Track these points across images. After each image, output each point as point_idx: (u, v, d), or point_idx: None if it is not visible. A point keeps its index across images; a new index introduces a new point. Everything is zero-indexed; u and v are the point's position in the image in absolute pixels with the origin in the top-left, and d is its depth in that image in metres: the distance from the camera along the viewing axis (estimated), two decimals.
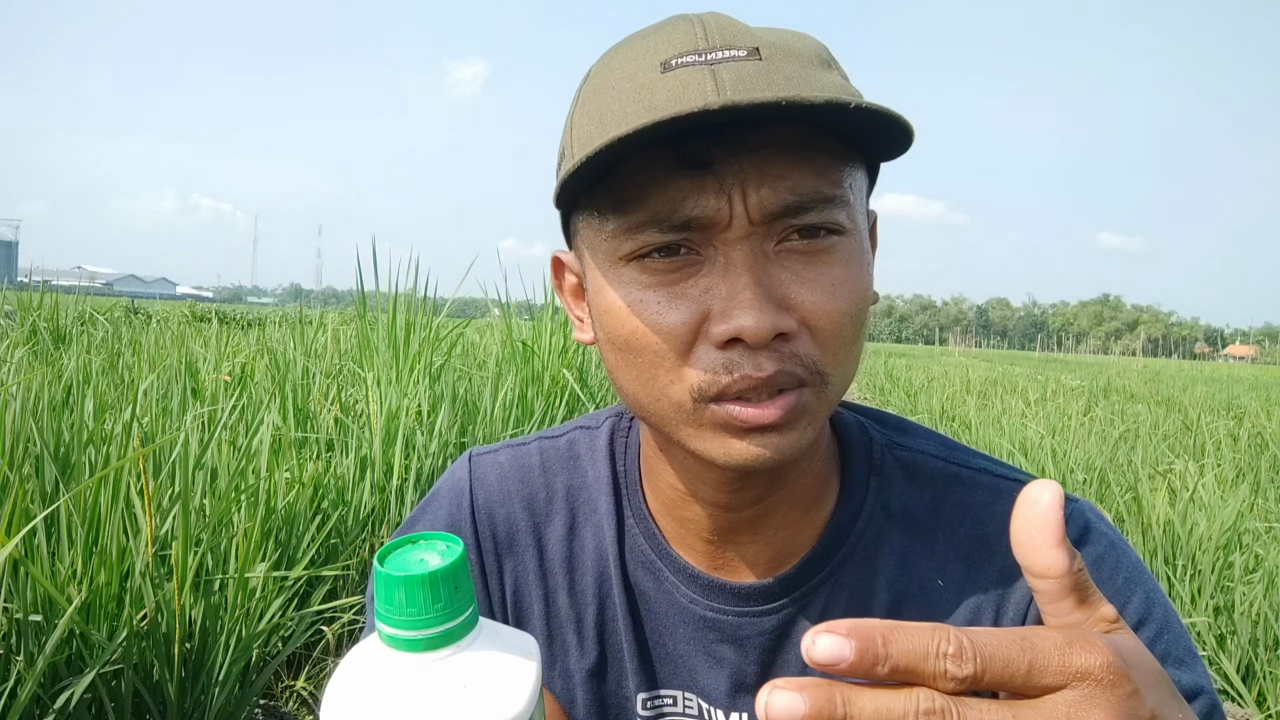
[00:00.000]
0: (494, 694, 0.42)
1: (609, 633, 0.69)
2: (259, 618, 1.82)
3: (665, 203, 0.52)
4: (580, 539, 0.71)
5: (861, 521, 0.66)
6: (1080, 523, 0.63)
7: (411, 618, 0.40)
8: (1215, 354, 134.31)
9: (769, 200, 0.51)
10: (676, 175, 0.51)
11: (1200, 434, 5.74)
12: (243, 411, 2.81)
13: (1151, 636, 0.59)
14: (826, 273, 0.53)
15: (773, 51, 0.52)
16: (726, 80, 0.50)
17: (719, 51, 0.52)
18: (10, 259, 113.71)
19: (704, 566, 0.68)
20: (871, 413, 0.73)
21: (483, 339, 5.66)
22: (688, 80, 0.50)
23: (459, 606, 0.42)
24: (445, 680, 0.41)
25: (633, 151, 0.50)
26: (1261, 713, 2.40)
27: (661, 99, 0.50)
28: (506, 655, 0.44)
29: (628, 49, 0.56)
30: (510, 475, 0.74)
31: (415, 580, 0.40)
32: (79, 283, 27.00)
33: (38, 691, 1.40)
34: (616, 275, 0.56)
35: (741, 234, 0.52)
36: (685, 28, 0.54)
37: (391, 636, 0.41)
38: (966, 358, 27.60)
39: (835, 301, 0.53)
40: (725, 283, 0.52)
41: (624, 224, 0.54)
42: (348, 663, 0.44)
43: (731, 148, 0.50)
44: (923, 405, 8.29)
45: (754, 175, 0.51)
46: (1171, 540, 3.00)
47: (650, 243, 0.53)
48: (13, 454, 1.73)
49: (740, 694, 0.67)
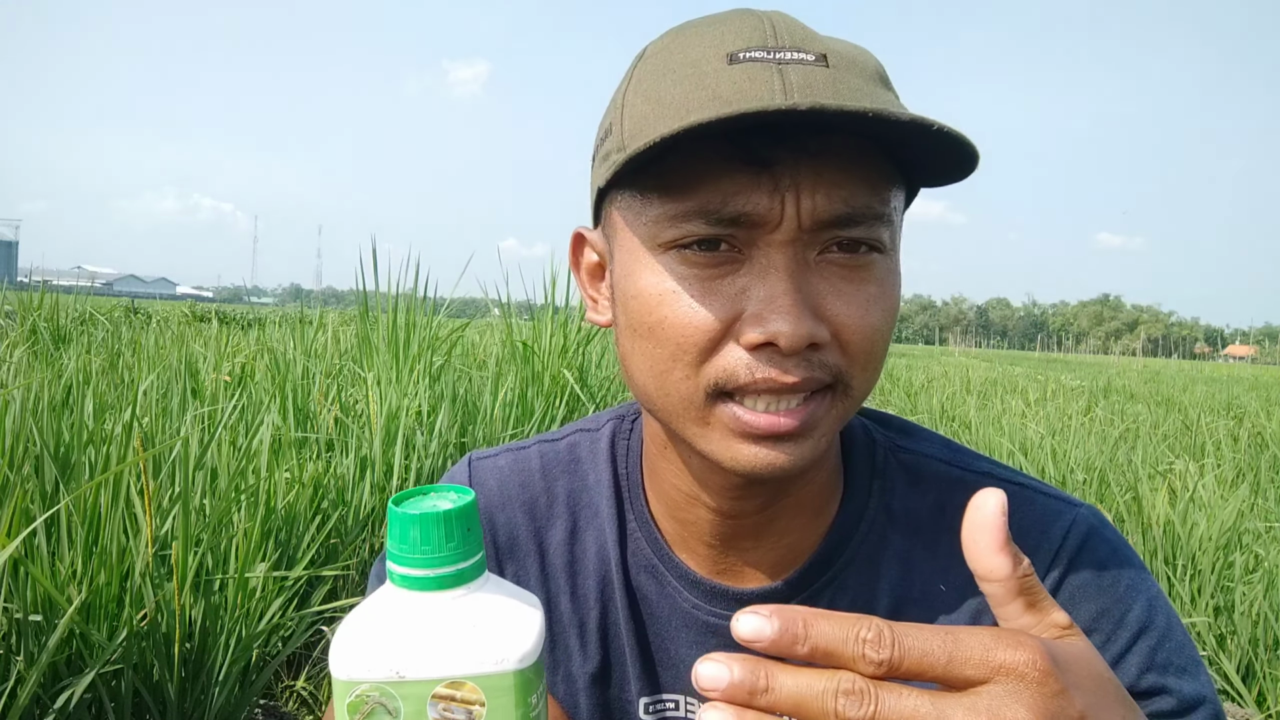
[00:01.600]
0: (504, 633, 0.42)
1: (611, 636, 0.69)
2: (259, 618, 1.82)
3: (716, 195, 0.51)
4: (582, 543, 0.71)
5: (865, 525, 0.65)
6: (1083, 529, 0.63)
7: (426, 556, 0.41)
8: (1215, 354, 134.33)
9: (822, 207, 0.51)
10: (733, 170, 0.51)
11: (1200, 434, 5.74)
12: (243, 411, 2.81)
13: (1153, 645, 0.59)
14: (863, 289, 0.53)
15: (839, 61, 0.51)
16: (795, 82, 0.49)
17: (787, 52, 0.51)
18: (10, 259, 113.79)
19: (706, 570, 0.67)
20: (876, 415, 0.73)
21: (483, 339, 5.66)
22: (755, 76, 0.50)
23: (470, 549, 0.43)
24: (457, 619, 0.42)
25: (691, 140, 0.48)
26: (1261, 713, 2.40)
27: (728, 91, 0.49)
28: (513, 601, 0.45)
29: (691, 34, 0.55)
30: (510, 479, 0.73)
31: (430, 519, 0.41)
32: (79, 283, 27.12)
33: (38, 691, 1.40)
34: (652, 261, 0.55)
35: (788, 237, 0.51)
36: (754, 23, 0.53)
37: (404, 576, 0.42)
38: (966, 358, 27.60)
39: (869, 318, 0.53)
40: (764, 286, 0.52)
41: (669, 210, 0.53)
42: (358, 608, 0.45)
43: (792, 150, 0.50)
44: (923, 405, 8.28)
45: (810, 180, 0.50)
46: (1171, 540, 3.00)
47: (694, 233, 0.52)
48: (13, 454, 1.73)
49: None
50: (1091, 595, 0.61)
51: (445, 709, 0.41)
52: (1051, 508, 0.64)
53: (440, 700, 0.41)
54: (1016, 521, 0.63)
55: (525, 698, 0.43)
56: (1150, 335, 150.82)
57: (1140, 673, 0.59)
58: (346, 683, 0.42)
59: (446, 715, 0.41)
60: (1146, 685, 0.58)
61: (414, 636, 0.42)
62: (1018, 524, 0.63)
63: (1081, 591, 0.61)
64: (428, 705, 0.41)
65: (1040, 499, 0.64)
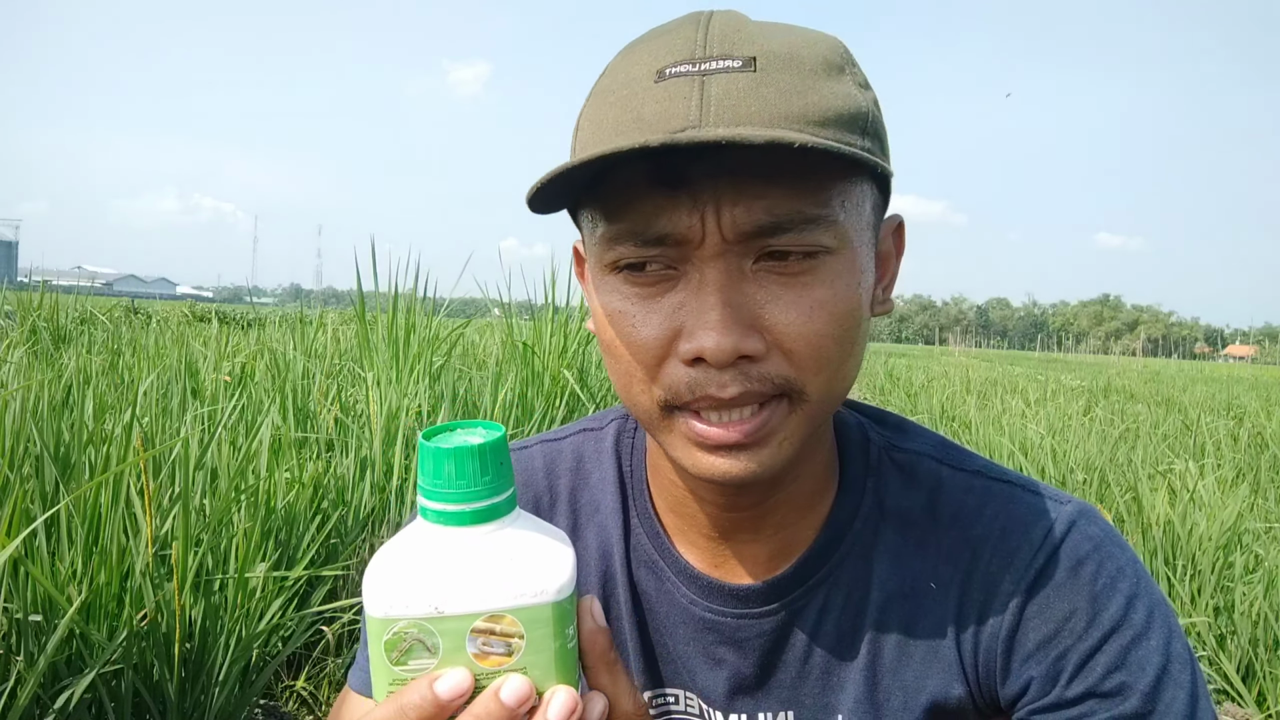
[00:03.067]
0: (541, 566, 0.43)
1: (614, 632, 0.69)
2: (259, 618, 1.82)
3: (641, 218, 0.52)
4: (584, 539, 0.71)
5: (859, 521, 0.66)
6: (1064, 527, 0.62)
7: (460, 490, 0.41)
8: (1215, 354, 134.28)
9: (742, 220, 0.51)
10: (653, 191, 0.51)
11: (1200, 434, 5.74)
12: (243, 411, 2.81)
13: (1126, 644, 0.58)
14: (806, 294, 0.53)
15: (770, 61, 0.51)
16: (713, 95, 0.50)
17: (714, 61, 0.51)
18: (10, 259, 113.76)
19: (705, 564, 0.68)
20: (873, 412, 0.73)
21: (483, 339, 5.66)
22: (675, 94, 0.50)
23: (503, 483, 0.43)
24: (493, 553, 0.42)
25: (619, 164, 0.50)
26: (1261, 713, 2.40)
27: (650, 112, 0.51)
28: (546, 536, 0.45)
29: (637, 49, 0.56)
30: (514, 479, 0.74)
31: (465, 452, 0.41)
32: (79, 283, 27.07)
33: (38, 691, 1.40)
34: (603, 282, 0.57)
35: (715, 252, 0.51)
36: (688, 32, 0.53)
37: (438, 512, 0.42)
38: (966, 358, 27.59)
39: (813, 323, 0.53)
40: (696, 300, 0.52)
41: (608, 233, 0.54)
42: (390, 544, 0.44)
43: (709, 166, 0.50)
44: (923, 405, 8.28)
45: (729, 194, 0.50)
46: (1171, 540, 2.99)
47: (628, 255, 0.54)
48: (13, 454, 1.72)
49: (738, 695, 0.67)
50: (1065, 594, 0.60)
51: (485, 643, 0.42)
52: (1036, 506, 0.64)
53: (479, 634, 0.41)
54: (1002, 521, 0.63)
55: (563, 629, 0.43)
56: (1150, 335, 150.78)
57: (1107, 673, 0.57)
58: (383, 620, 0.41)
59: (485, 649, 0.42)
60: (1111, 685, 0.57)
61: (451, 572, 0.41)
62: (1002, 524, 0.63)
63: (1056, 590, 0.60)
64: (466, 640, 0.41)
65: (1026, 497, 0.64)
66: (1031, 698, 0.60)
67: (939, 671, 0.63)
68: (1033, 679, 0.60)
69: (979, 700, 0.63)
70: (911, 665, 0.63)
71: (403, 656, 0.41)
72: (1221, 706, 2.48)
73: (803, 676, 0.66)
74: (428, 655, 0.41)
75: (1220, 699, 2.52)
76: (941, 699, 0.62)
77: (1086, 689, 0.58)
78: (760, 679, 0.66)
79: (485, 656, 0.41)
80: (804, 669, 0.66)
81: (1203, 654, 2.58)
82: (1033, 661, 0.60)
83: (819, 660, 0.65)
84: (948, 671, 0.63)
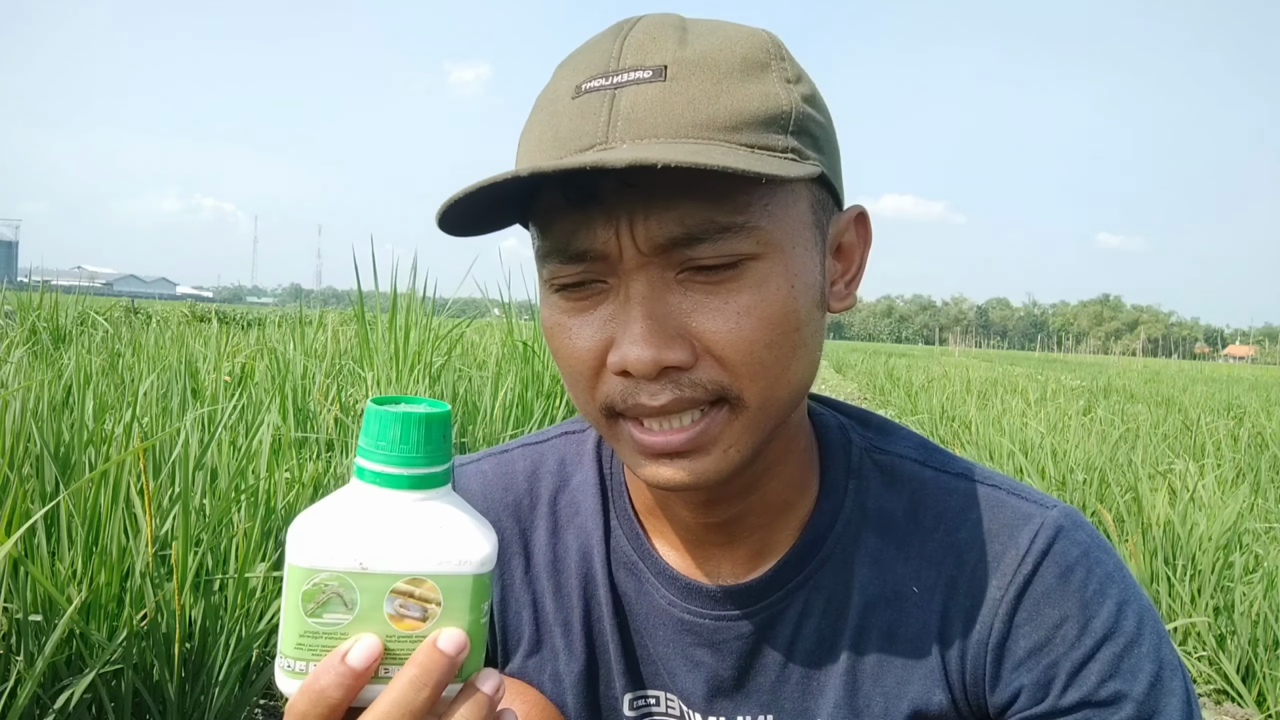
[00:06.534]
0: (466, 538, 0.44)
1: (596, 634, 0.69)
2: (259, 618, 1.82)
3: (562, 236, 0.53)
4: (564, 542, 0.71)
5: (840, 524, 0.65)
6: (1050, 532, 0.61)
7: (403, 454, 0.43)
8: (1215, 354, 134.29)
9: (656, 232, 0.50)
10: (571, 209, 0.52)
11: (1200, 434, 5.74)
12: (243, 411, 2.80)
13: (1118, 651, 0.58)
14: (732, 300, 0.52)
15: (681, 68, 0.51)
16: (621, 109, 0.50)
17: (625, 74, 0.51)
18: (10, 259, 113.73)
19: (685, 565, 0.67)
20: (856, 414, 0.72)
21: (482, 339, 5.66)
22: (587, 110, 0.51)
23: (442, 457, 0.44)
24: (423, 519, 0.43)
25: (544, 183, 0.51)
26: (1261, 713, 2.40)
27: (565, 129, 0.52)
28: (472, 517, 0.46)
29: (566, 65, 0.56)
30: (494, 483, 0.73)
31: (412, 419, 0.43)
32: (79, 283, 26.93)
33: (38, 691, 1.40)
34: (545, 296, 0.58)
35: (636, 265, 0.52)
36: (606, 44, 0.54)
37: (376, 473, 0.43)
38: (967, 358, 27.59)
39: (741, 330, 0.52)
40: (623, 313, 0.53)
41: (541, 249, 0.55)
42: (320, 502, 0.45)
43: (618, 182, 0.50)
44: (923, 405, 8.28)
45: (641, 208, 0.50)
46: (1171, 540, 2.99)
47: (560, 272, 0.54)
48: (13, 454, 1.72)
49: (717, 697, 0.66)
50: (1055, 601, 0.59)
51: (402, 605, 0.42)
52: (1021, 510, 0.63)
53: (398, 596, 0.42)
54: (986, 525, 0.63)
55: (479, 603, 0.44)
56: (1150, 335, 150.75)
57: (1101, 681, 0.57)
58: (306, 570, 0.42)
59: (402, 611, 0.42)
60: (1107, 694, 0.57)
61: (380, 531, 0.42)
62: (987, 528, 0.63)
63: (1046, 597, 0.60)
64: (385, 600, 0.42)
65: (1011, 501, 0.64)
66: (1021, 706, 0.59)
67: (921, 678, 0.62)
68: (1023, 687, 0.59)
69: (962, 708, 0.62)
70: (893, 671, 0.63)
71: (319, 609, 0.42)
72: (1221, 706, 2.48)
73: (782, 680, 0.65)
74: (343, 610, 0.42)
75: (1220, 699, 2.52)
76: (923, 705, 0.62)
77: (1081, 698, 0.57)
78: (738, 682, 0.66)
79: (400, 619, 0.42)
80: (783, 673, 0.65)
81: (1203, 654, 2.58)
82: (1023, 669, 0.59)
83: (799, 664, 0.65)
84: (930, 678, 0.62)
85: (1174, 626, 2.63)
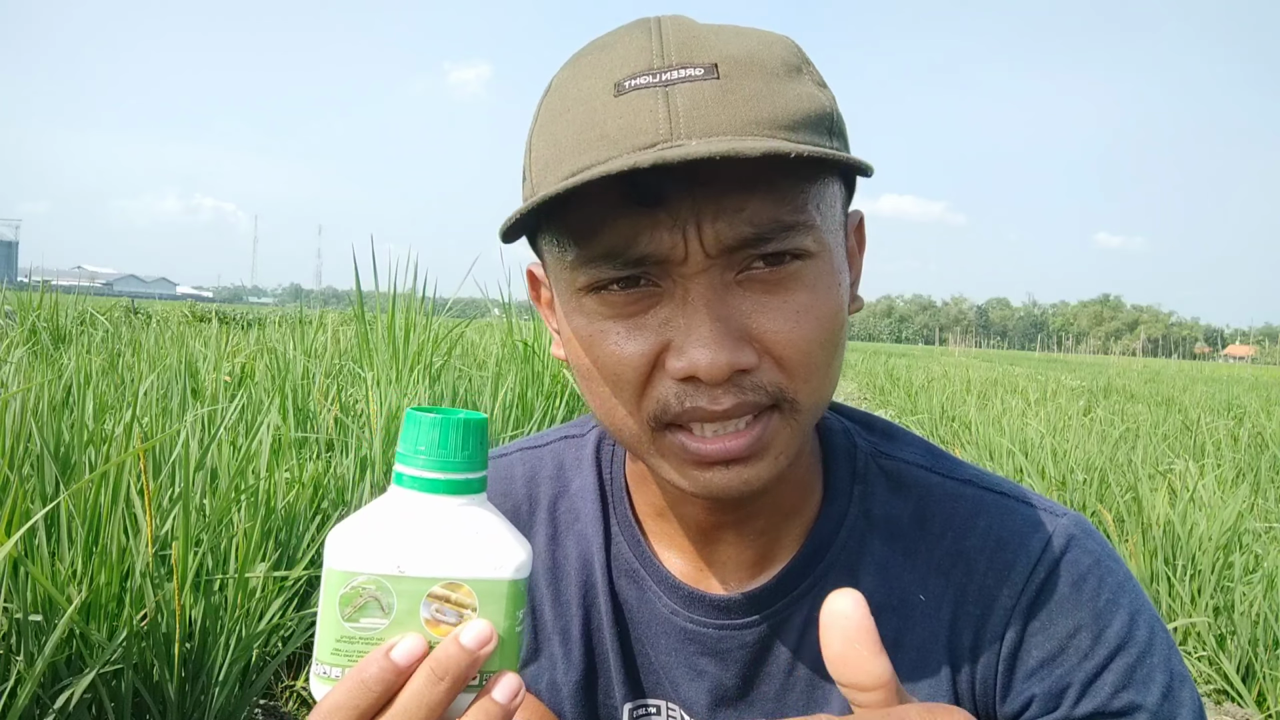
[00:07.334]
0: (503, 544, 0.44)
1: (595, 642, 0.68)
2: (259, 618, 1.82)
3: (619, 239, 0.50)
4: (563, 548, 0.70)
5: (845, 531, 0.64)
6: (1062, 541, 0.61)
7: (441, 459, 0.43)
8: (1215, 354, 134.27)
9: (725, 234, 0.49)
10: (630, 212, 0.50)
11: (1200, 434, 5.74)
12: (243, 411, 2.80)
13: (1131, 662, 0.57)
14: (791, 300, 0.52)
15: (733, 67, 0.50)
16: (680, 106, 0.48)
17: (674, 71, 0.50)
18: (10, 259, 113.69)
19: (687, 573, 0.66)
20: (860, 417, 0.71)
21: (482, 339, 5.66)
22: (640, 107, 0.49)
23: (479, 464, 0.44)
24: (461, 524, 0.44)
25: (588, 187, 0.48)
26: (1261, 713, 2.40)
27: (614, 129, 0.49)
28: (508, 524, 0.46)
29: (585, 63, 0.54)
30: (491, 487, 0.72)
31: (450, 424, 0.43)
32: (79, 283, 26.92)
33: (38, 691, 1.40)
34: (577, 305, 0.55)
35: (699, 268, 0.50)
36: (641, 41, 0.52)
37: (415, 478, 0.44)
38: (966, 358, 27.59)
39: (801, 329, 0.52)
40: (683, 316, 0.51)
41: (581, 256, 0.52)
42: (362, 509, 0.46)
43: (684, 182, 0.48)
44: (923, 405, 8.28)
45: (709, 209, 0.49)
46: (1171, 540, 2.99)
47: (606, 277, 0.52)
48: (13, 454, 1.73)
49: (720, 707, 0.66)
50: (1068, 610, 0.59)
51: (438, 609, 0.42)
52: (1032, 518, 0.62)
53: (435, 600, 0.42)
54: (995, 532, 0.62)
55: (515, 610, 0.44)
56: (1150, 335, 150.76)
57: (1115, 691, 0.57)
58: (344, 573, 0.42)
59: (438, 616, 0.42)
60: (1120, 704, 0.57)
61: (418, 535, 0.43)
62: (997, 536, 0.62)
63: (1059, 606, 0.59)
64: (421, 604, 0.42)
65: (1021, 509, 0.63)
66: (1033, 715, 0.59)
67: (927, 686, 0.61)
68: (1035, 696, 0.59)
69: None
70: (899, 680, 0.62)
71: (356, 613, 0.42)
72: (1221, 706, 2.49)
73: (787, 689, 0.64)
74: (380, 615, 0.42)
75: (1220, 699, 2.52)
76: None
77: (1095, 708, 0.57)
78: (743, 691, 0.65)
79: (437, 624, 0.42)
80: (788, 681, 0.64)
81: (1203, 654, 2.58)
82: (1035, 679, 0.59)
83: (804, 673, 0.64)
84: (937, 687, 0.61)
85: (1174, 626, 2.63)
